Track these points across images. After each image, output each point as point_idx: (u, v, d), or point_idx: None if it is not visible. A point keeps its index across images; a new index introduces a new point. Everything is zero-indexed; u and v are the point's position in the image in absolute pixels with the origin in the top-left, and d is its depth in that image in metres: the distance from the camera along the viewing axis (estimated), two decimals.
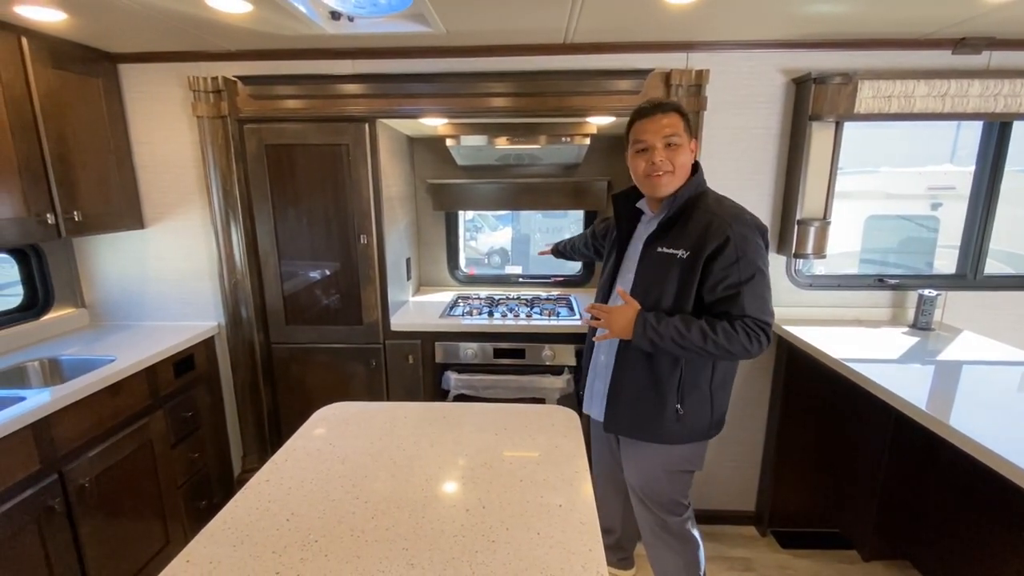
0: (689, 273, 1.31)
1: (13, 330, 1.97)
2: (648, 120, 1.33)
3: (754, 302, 1.28)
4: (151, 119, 2.10)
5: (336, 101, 2.01)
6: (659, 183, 1.34)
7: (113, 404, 1.72)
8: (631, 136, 1.39)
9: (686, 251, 1.31)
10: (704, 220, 1.31)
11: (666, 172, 1.32)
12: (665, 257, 1.35)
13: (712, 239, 1.28)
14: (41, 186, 1.72)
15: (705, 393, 1.42)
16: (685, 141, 1.33)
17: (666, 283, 1.34)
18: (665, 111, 1.32)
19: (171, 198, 2.18)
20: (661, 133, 1.31)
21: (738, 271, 1.27)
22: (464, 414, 1.34)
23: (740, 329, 1.26)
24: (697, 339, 1.27)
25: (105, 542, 1.65)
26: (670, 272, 1.34)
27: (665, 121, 1.32)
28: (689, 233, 1.32)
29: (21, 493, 1.39)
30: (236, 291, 2.18)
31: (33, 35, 1.68)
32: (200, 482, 2.15)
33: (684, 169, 1.35)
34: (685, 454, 1.48)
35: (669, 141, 1.31)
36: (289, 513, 0.94)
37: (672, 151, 1.32)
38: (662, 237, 1.37)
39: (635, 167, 1.38)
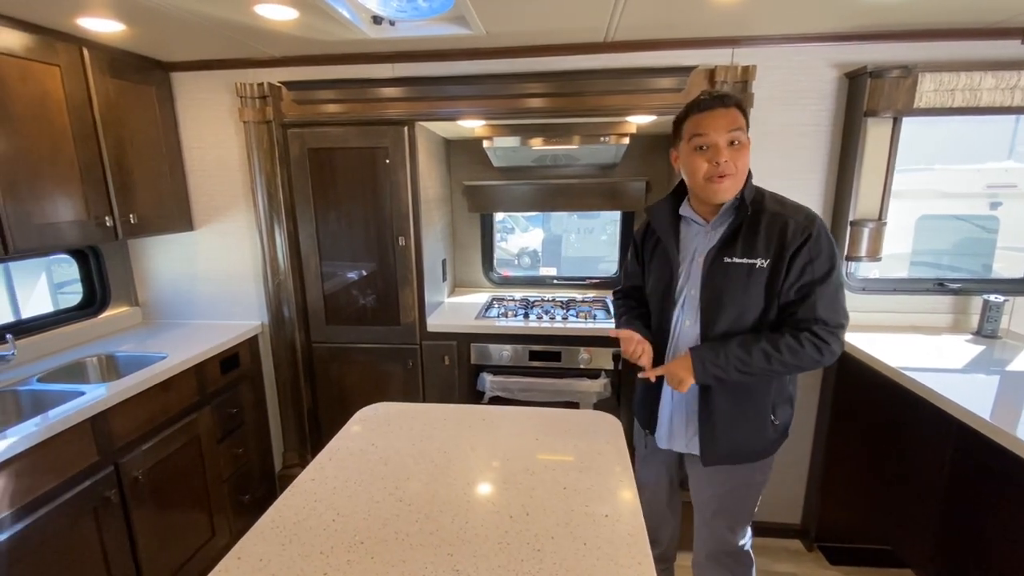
0: (774, 281, 1.19)
1: (74, 327, 2.07)
2: (709, 114, 1.17)
3: (827, 304, 1.17)
4: (201, 125, 2.18)
5: (376, 105, 2.03)
6: (721, 187, 1.18)
7: (164, 400, 1.78)
8: (687, 131, 1.22)
9: (765, 259, 1.19)
10: (777, 223, 1.19)
11: (730, 175, 1.17)
12: (740, 268, 1.20)
13: (793, 241, 1.17)
14: (100, 190, 1.81)
15: (789, 397, 1.34)
16: (747, 139, 1.19)
17: (747, 297, 1.21)
18: (727, 104, 1.17)
19: (219, 201, 2.26)
20: (725, 129, 1.16)
21: (812, 269, 1.17)
22: (503, 417, 1.33)
23: (807, 342, 1.17)
24: (760, 362, 1.18)
25: (156, 532, 1.71)
26: (750, 285, 1.20)
27: (730, 116, 1.16)
28: (762, 240, 1.19)
29: (80, 484, 1.45)
30: (279, 291, 2.24)
31: (93, 46, 1.76)
32: (244, 476, 2.21)
33: (745, 171, 1.21)
34: (769, 464, 1.38)
35: (733, 138, 1.16)
36: (335, 513, 0.95)
37: (736, 151, 1.17)
38: (729, 247, 1.22)
39: (694, 167, 1.20)
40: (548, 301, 2.49)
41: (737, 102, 1.19)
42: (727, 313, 1.23)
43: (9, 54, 1.49)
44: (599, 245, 6.03)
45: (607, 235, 5.91)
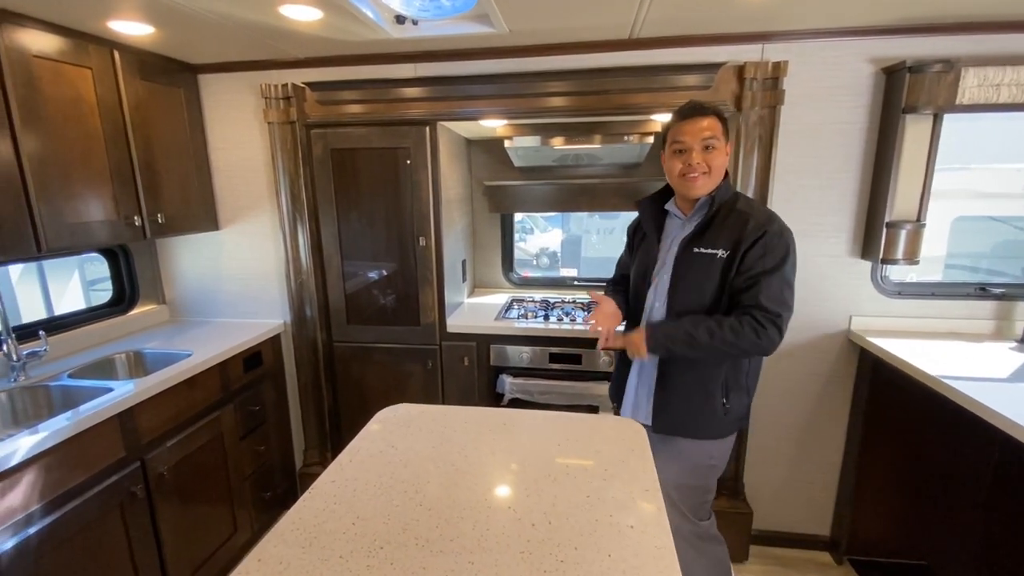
0: (728, 271, 1.36)
1: (104, 324, 2.12)
2: (687, 122, 1.36)
3: (769, 294, 1.31)
4: (226, 126, 2.21)
5: (398, 105, 2.03)
6: (694, 184, 1.37)
7: (189, 397, 1.81)
8: (669, 137, 1.41)
9: (725, 250, 1.35)
10: (741, 220, 1.35)
11: (702, 173, 1.35)
12: (704, 257, 1.38)
13: (749, 236, 1.33)
14: (129, 191, 1.84)
15: (743, 386, 1.46)
16: (722, 144, 1.36)
17: (706, 282, 1.38)
18: (704, 114, 1.35)
19: (243, 201, 2.29)
20: (700, 136, 1.34)
21: (763, 262, 1.32)
22: (524, 421, 1.31)
23: (747, 324, 1.30)
24: (704, 337, 1.32)
25: (180, 528, 1.73)
26: (710, 272, 1.37)
27: (704, 124, 1.34)
28: (726, 233, 1.36)
29: (108, 479, 1.48)
30: (301, 291, 2.26)
31: (124, 49, 1.79)
32: (265, 474, 2.23)
33: (719, 171, 1.38)
34: (723, 448, 1.52)
35: (707, 144, 1.34)
36: (355, 517, 0.94)
37: (709, 154, 1.35)
38: (699, 238, 1.39)
39: (671, 167, 1.40)
40: (568, 303, 2.46)
41: (715, 111, 1.37)
42: (689, 295, 1.40)
43: (43, 57, 1.53)
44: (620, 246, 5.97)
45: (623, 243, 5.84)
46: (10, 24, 1.44)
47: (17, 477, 1.25)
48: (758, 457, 2.14)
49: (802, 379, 2.05)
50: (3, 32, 1.42)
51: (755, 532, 2.16)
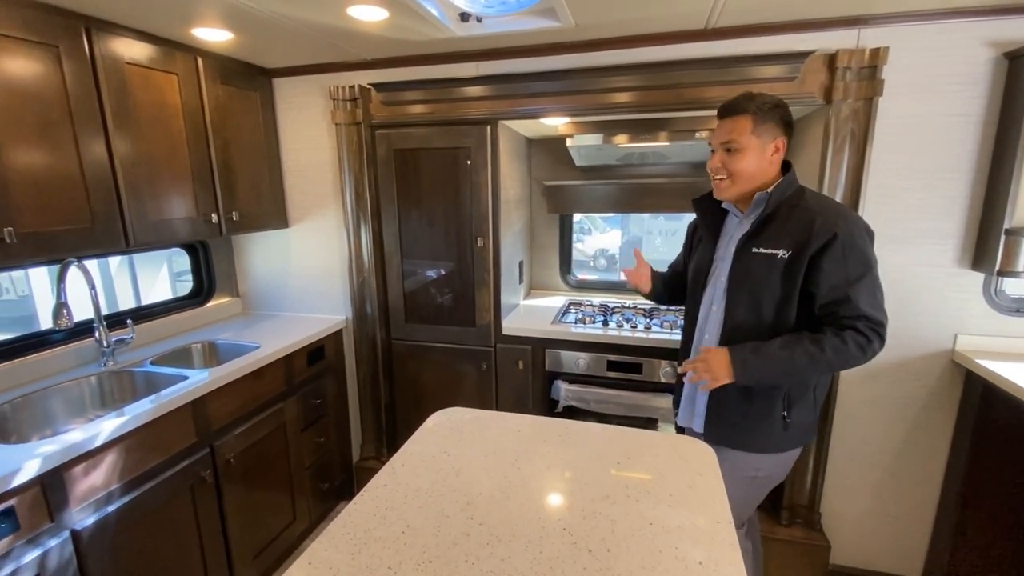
0: (792, 275, 1.24)
1: (184, 315, 2.26)
2: (718, 123, 1.32)
3: (869, 301, 1.20)
4: (297, 127, 2.29)
5: (460, 104, 2.02)
6: (718, 187, 1.34)
7: (256, 388, 1.88)
8: None
9: (787, 251, 1.24)
10: (806, 218, 1.24)
11: (721, 178, 1.31)
12: (763, 258, 1.27)
13: (818, 237, 1.20)
14: (208, 189, 1.94)
15: (810, 399, 1.35)
16: (749, 145, 1.27)
17: (765, 286, 1.27)
18: (732, 114, 1.28)
19: (311, 200, 2.36)
20: (720, 139, 1.30)
21: (847, 270, 1.20)
22: (582, 434, 1.24)
23: (850, 340, 1.20)
24: (804, 364, 1.21)
25: (243, 513, 1.81)
26: (770, 274, 1.26)
27: (727, 127, 1.28)
28: (789, 232, 1.25)
29: (180, 463, 1.56)
30: (363, 288, 2.30)
31: (206, 55, 1.89)
32: (324, 465, 2.30)
33: (742, 176, 1.29)
34: (777, 462, 1.41)
35: (727, 146, 1.29)
36: (405, 525, 0.92)
37: (731, 156, 1.28)
38: (757, 237, 1.30)
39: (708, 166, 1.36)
40: (629, 308, 2.36)
41: (744, 110, 1.26)
42: (747, 299, 1.30)
43: (135, 63, 1.63)
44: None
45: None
46: (106, 33, 1.55)
47: (101, 457, 1.33)
48: (839, 485, 1.95)
49: (894, 403, 1.84)
50: (99, 41, 1.53)
51: (832, 567, 1.97)
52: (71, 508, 1.26)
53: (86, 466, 1.30)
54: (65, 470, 1.25)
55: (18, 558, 1.15)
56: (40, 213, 1.40)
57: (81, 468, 1.29)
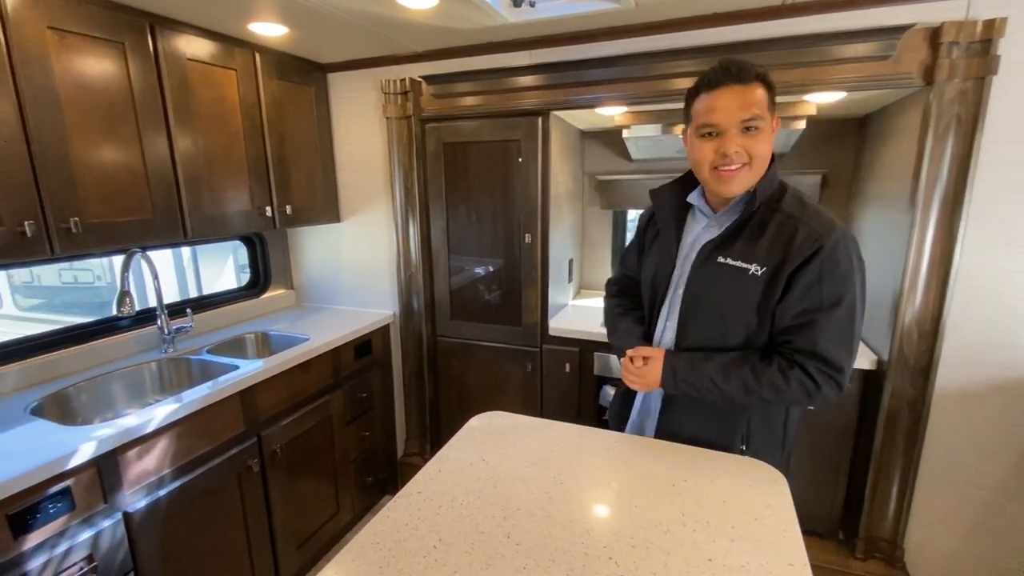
0: (769, 296, 1.01)
1: (241, 305, 2.32)
2: (720, 93, 0.97)
3: (831, 337, 0.97)
4: (350, 122, 2.30)
5: (511, 95, 1.95)
6: (731, 180, 1.00)
7: (304, 380, 1.89)
8: (694, 111, 1.03)
9: (761, 267, 1.01)
10: (788, 227, 0.99)
11: (742, 166, 0.98)
12: (731, 272, 1.03)
13: (799, 252, 0.97)
14: (263, 183, 1.98)
15: (779, 434, 1.14)
16: (768, 124, 0.98)
17: (730, 307, 1.04)
18: (744, 80, 0.96)
19: (362, 194, 2.37)
20: (739, 114, 0.96)
21: (820, 291, 0.97)
22: (633, 449, 1.14)
23: (795, 381, 0.99)
24: (737, 393, 1.03)
25: (288, 503, 1.83)
26: (739, 292, 1.03)
27: (746, 96, 0.95)
28: (765, 243, 1.01)
29: (228, 451, 1.59)
30: (410, 283, 2.29)
31: (263, 51, 1.92)
32: (368, 459, 2.30)
33: (763, 161, 1.00)
34: None
35: (748, 124, 0.96)
36: (437, 539, 0.85)
37: (751, 137, 0.97)
38: (727, 245, 1.05)
39: (701, 156, 1.02)
40: None
41: (759, 75, 0.97)
42: (705, 322, 1.07)
43: (196, 60, 1.68)
44: None
45: None
46: (169, 30, 1.59)
47: (154, 442, 1.37)
48: (927, 518, 1.72)
49: (1002, 430, 1.60)
50: (163, 38, 1.57)
51: None
52: (124, 491, 1.30)
53: (139, 450, 1.34)
54: (120, 453, 1.29)
55: (73, 537, 1.19)
56: (104, 204, 1.45)
57: (135, 452, 1.32)
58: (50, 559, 1.14)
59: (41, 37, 1.28)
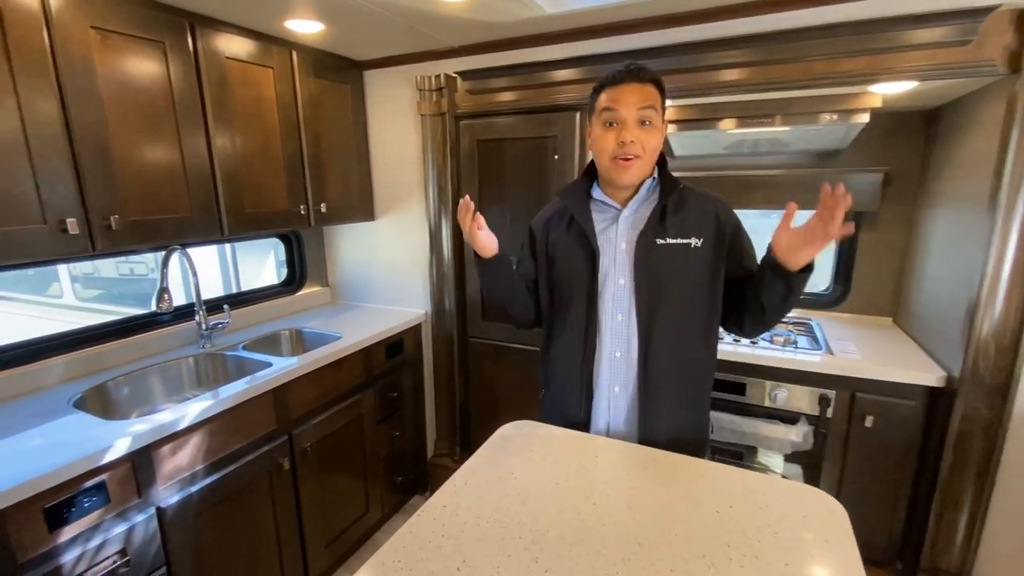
0: (714, 262, 1.17)
1: (277, 301, 2.35)
2: (622, 88, 1.10)
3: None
4: (386, 120, 2.28)
5: (547, 90, 1.88)
6: (628, 168, 1.12)
7: (335, 378, 1.89)
8: (598, 105, 1.14)
9: (699, 238, 1.15)
10: (707, 207, 1.18)
11: (636, 156, 1.11)
12: (672, 250, 1.15)
13: (727, 223, 1.17)
14: (299, 182, 1.98)
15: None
16: (659, 121, 1.13)
17: (681, 280, 1.16)
18: (642, 79, 1.10)
19: (396, 193, 2.35)
20: (635, 106, 1.09)
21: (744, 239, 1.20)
22: (674, 467, 1.06)
23: None
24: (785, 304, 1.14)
25: (318, 502, 1.83)
26: (688, 266, 1.16)
27: (643, 92, 1.10)
28: (693, 219, 1.17)
29: (259, 448, 1.59)
30: (442, 283, 2.26)
31: (300, 48, 1.92)
32: (398, 459, 2.29)
33: (654, 155, 1.15)
34: None
35: (644, 117, 1.10)
36: (461, 560, 0.80)
37: (645, 131, 1.11)
38: (658, 228, 1.16)
39: (603, 145, 1.13)
40: None
41: (654, 78, 1.12)
42: (667, 299, 1.16)
43: (234, 58, 1.69)
44: None
45: None
46: (208, 29, 1.60)
47: (187, 438, 1.38)
48: (1001, 552, 1.55)
49: None
50: (202, 36, 1.58)
51: None
52: (158, 486, 1.32)
53: (173, 446, 1.35)
54: (154, 449, 1.30)
55: (107, 530, 1.21)
56: (143, 202, 1.48)
57: (169, 448, 1.34)
58: (84, 552, 1.16)
59: (84, 37, 1.31)
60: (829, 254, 2.22)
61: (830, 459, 1.67)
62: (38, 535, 1.09)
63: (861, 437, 1.62)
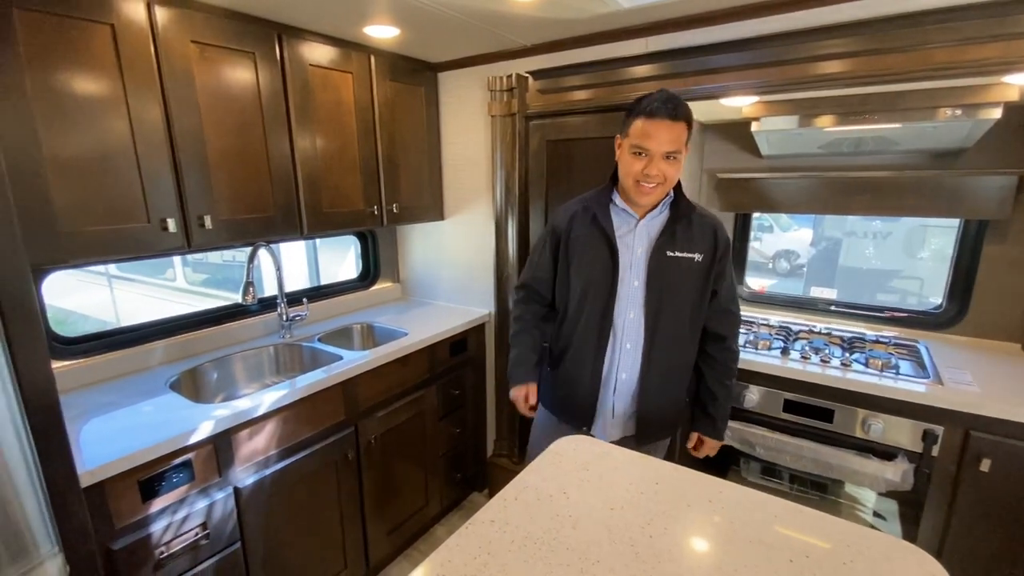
0: (707, 276, 1.37)
1: (352, 296, 2.46)
2: (656, 124, 1.23)
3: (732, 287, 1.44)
4: (457, 121, 2.31)
5: (622, 88, 1.80)
6: (649, 194, 1.30)
7: (401, 373, 1.94)
8: (632, 131, 1.28)
9: (700, 255, 1.35)
10: (709, 224, 1.37)
11: (657, 185, 1.28)
12: (680, 261, 1.34)
13: (721, 242, 1.36)
14: (373, 182, 2.05)
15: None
16: (683, 155, 1.28)
17: (684, 288, 1.36)
18: (676, 118, 1.23)
19: (465, 194, 2.37)
20: (666, 146, 1.24)
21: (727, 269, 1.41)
22: (743, 503, 0.96)
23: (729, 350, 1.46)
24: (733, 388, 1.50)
25: (380, 492, 1.89)
26: (688, 277, 1.35)
27: (673, 131, 1.24)
28: (697, 236, 1.35)
29: (328, 438, 1.67)
30: (506, 284, 2.25)
31: (378, 53, 1.98)
32: (458, 456, 2.32)
33: (673, 182, 1.32)
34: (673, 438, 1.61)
35: (671, 153, 1.26)
36: None
37: (669, 164, 1.27)
38: (670, 241, 1.35)
39: (630, 167, 1.29)
40: (820, 334, 1.89)
41: (686, 115, 1.24)
42: (671, 304, 1.35)
43: (316, 65, 1.77)
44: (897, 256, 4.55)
45: (930, 248, 4.21)
46: (294, 38, 1.69)
47: (263, 424, 1.48)
48: None
49: None
50: (289, 46, 1.67)
51: None
52: (236, 467, 1.42)
53: (250, 431, 1.45)
54: (234, 433, 1.40)
55: (191, 505, 1.32)
56: (233, 203, 1.59)
57: (246, 433, 1.44)
58: (171, 523, 1.27)
59: (185, 51, 1.42)
60: (944, 262, 1.95)
61: (933, 504, 1.46)
62: (133, 505, 1.21)
63: (974, 483, 1.40)
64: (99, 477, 1.13)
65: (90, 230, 1.31)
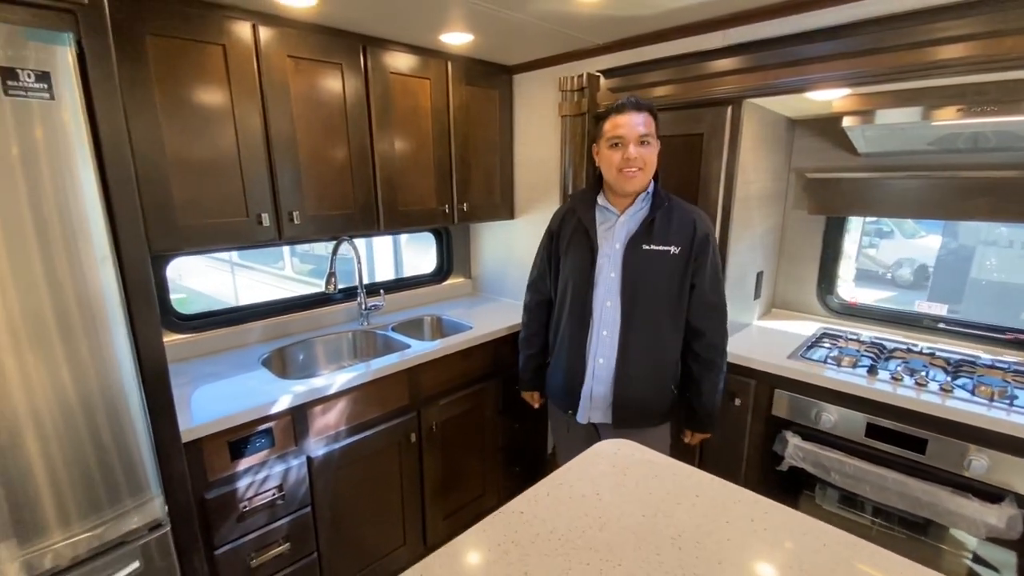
0: (685, 268, 1.45)
1: (425, 289, 2.60)
2: (623, 116, 1.39)
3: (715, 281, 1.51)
4: (530, 122, 2.34)
5: (698, 84, 1.72)
6: (632, 179, 1.40)
7: (464, 365, 2.02)
8: (605, 130, 1.43)
9: (677, 247, 1.43)
10: (688, 218, 1.46)
11: (639, 169, 1.39)
12: (655, 255, 1.44)
13: (699, 235, 1.44)
14: (445, 182, 2.15)
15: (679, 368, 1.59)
16: (655, 141, 1.42)
17: (659, 280, 1.45)
18: (639, 109, 1.39)
19: (535, 193, 2.41)
20: (636, 131, 1.38)
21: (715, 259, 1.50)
22: (789, 529, 0.90)
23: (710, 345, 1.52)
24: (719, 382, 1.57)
25: (439, 477, 1.99)
26: (663, 269, 1.44)
27: (640, 119, 1.38)
28: (675, 230, 1.44)
29: (392, 420, 1.79)
30: None
31: (454, 58, 2.07)
32: (516, 449, 2.36)
33: (652, 167, 1.43)
34: (668, 430, 1.63)
35: (643, 138, 1.39)
36: (523, 571, 0.80)
37: (645, 148, 1.40)
38: (646, 235, 1.44)
39: (610, 161, 1.43)
40: (920, 354, 1.68)
41: (648, 107, 1.41)
42: (646, 294, 1.46)
43: (397, 72, 1.89)
44: None
45: None
46: (378, 49, 1.83)
47: (335, 402, 1.62)
48: None
49: None
50: (371, 56, 1.81)
51: None
52: (310, 438, 1.57)
53: (324, 407, 1.59)
54: (309, 408, 1.56)
55: (271, 468, 1.49)
56: (319, 200, 1.76)
57: (320, 408, 1.59)
58: (253, 482, 1.45)
59: (283, 64, 1.60)
60: None
61: None
62: (223, 462, 1.39)
63: None
64: (197, 435, 1.32)
65: (202, 223, 1.52)
